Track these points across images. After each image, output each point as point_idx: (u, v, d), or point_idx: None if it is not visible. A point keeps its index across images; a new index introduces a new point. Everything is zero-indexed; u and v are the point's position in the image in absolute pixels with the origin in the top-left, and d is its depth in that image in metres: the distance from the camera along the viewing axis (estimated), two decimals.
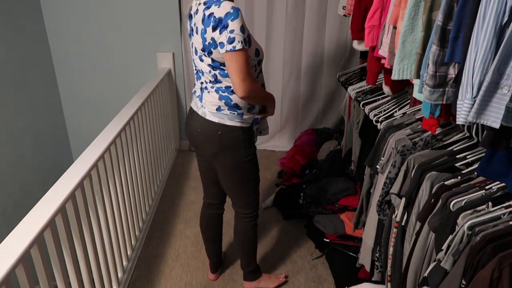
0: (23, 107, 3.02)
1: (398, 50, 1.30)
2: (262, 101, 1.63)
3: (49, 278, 1.26)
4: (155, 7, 3.23)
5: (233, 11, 1.37)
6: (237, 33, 1.37)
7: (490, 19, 0.83)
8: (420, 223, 1.30)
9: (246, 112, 1.59)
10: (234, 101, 1.55)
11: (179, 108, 3.57)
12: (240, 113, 1.58)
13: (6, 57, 2.80)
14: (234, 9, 1.38)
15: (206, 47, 1.47)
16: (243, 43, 1.38)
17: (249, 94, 1.45)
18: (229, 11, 1.37)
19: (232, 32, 1.37)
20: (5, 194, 2.79)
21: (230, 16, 1.36)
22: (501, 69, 0.83)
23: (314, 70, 3.52)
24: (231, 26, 1.37)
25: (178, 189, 2.99)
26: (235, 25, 1.37)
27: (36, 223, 1.21)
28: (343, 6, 2.36)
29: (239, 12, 1.39)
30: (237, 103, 1.56)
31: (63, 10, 3.19)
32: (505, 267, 0.92)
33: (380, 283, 1.79)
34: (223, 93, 1.54)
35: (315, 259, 2.23)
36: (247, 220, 1.85)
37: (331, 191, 2.61)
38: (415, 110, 1.80)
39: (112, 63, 3.39)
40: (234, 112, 1.57)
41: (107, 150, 1.78)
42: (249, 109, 1.60)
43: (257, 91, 1.52)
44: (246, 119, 1.61)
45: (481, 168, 1.16)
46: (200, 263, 2.21)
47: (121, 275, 2.01)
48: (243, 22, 1.40)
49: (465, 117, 0.90)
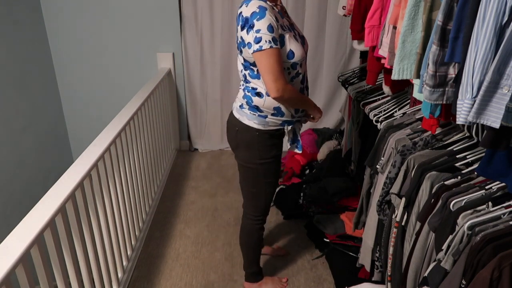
0: (23, 107, 3.03)
1: (398, 50, 1.30)
2: (298, 104, 1.57)
3: (49, 278, 1.26)
4: (155, 7, 3.23)
5: (259, 11, 1.35)
6: (264, 33, 1.35)
7: (490, 19, 0.83)
8: (420, 223, 1.30)
9: (271, 116, 1.57)
10: (255, 102, 1.56)
11: (179, 108, 3.57)
12: (261, 115, 1.57)
13: (6, 57, 2.80)
14: (261, 8, 1.36)
15: (238, 45, 1.49)
16: (271, 43, 1.36)
17: (282, 94, 1.42)
18: (255, 10, 1.36)
19: (258, 32, 1.36)
20: (5, 194, 2.79)
21: (256, 16, 1.35)
22: (501, 69, 0.83)
23: (314, 70, 3.52)
24: (257, 26, 1.35)
25: (178, 189, 2.99)
26: (261, 24, 1.35)
27: (36, 223, 1.21)
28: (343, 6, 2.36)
29: (266, 11, 1.36)
30: (258, 105, 1.55)
31: (63, 10, 3.19)
32: (505, 267, 0.92)
33: (380, 283, 1.79)
34: (247, 93, 1.57)
35: (315, 259, 2.23)
36: (252, 221, 1.83)
37: (331, 191, 2.61)
38: (415, 110, 1.80)
39: (112, 63, 3.39)
40: (254, 113, 1.57)
41: (107, 150, 1.78)
42: (274, 114, 1.57)
43: (291, 92, 1.47)
44: (271, 122, 1.59)
45: (481, 168, 1.16)
46: (200, 263, 2.21)
47: (121, 275, 2.01)
48: (271, 21, 1.36)
49: (465, 117, 0.90)
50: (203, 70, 3.46)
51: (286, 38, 1.44)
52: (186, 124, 3.66)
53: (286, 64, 1.48)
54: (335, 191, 2.61)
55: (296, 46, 1.47)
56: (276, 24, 1.39)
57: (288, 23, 1.54)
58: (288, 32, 1.46)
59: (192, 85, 3.51)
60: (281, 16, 1.50)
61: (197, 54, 3.40)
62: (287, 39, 1.44)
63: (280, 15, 1.48)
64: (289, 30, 1.48)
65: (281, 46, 1.42)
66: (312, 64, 3.46)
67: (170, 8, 3.23)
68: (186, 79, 3.48)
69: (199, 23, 3.30)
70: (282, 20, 1.49)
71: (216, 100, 3.57)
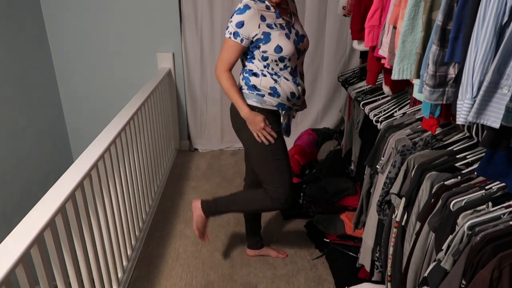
0: (23, 107, 3.03)
1: (398, 50, 1.30)
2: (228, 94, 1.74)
3: (49, 278, 1.26)
4: (155, 7, 3.22)
5: (242, 7, 1.61)
6: (232, 25, 1.63)
7: (490, 19, 0.83)
8: (420, 223, 1.30)
9: (268, 95, 1.74)
10: (252, 82, 1.74)
11: (179, 108, 3.57)
12: (259, 94, 1.74)
13: (6, 56, 2.80)
14: (245, 6, 1.61)
15: None
16: (231, 34, 1.63)
17: (216, 76, 1.73)
18: (240, 6, 1.62)
19: (230, 22, 1.63)
20: (5, 194, 2.79)
21: (237, 11, 1.63)
22: (501, 69, 0.83)
23: (314, 70, 3.52)
24: (233, 18, 1.63)
25: (178, 189, 2.99)
26: (235, 18, 1.62)
27: (36, 223, 1.21)
28: (343, 6, 2.36)
29: (247, 10, 1.61)
30: (255, 84, 1.74)
31: (63, 10, 3.19)
32: (505, 267, 0.92)
33: (380, 283, 1.79)
34: (245, 74, 1.77)
35: (315, 259, 2.23)
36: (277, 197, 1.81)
37: (331, 191, 2.61)
38: (415, 110, 1.80)
39: (112, 63, 3.39)
40: (252, 91, 1.75)
41: (107, 150, 1.78)
42: (271, 94, 1.73)
43: (223, 80, 1.71)
44: (268, 102, 1.75)
45: (481, 168, 1.16)
46: (200, 263, 2.21)
47: (121, 275, 2.01)
48: (245, 19, 1.61)
49: (465, 117, 0.90)
50: (203, 70, 3.45)
51: (272, 35, 1.65)
52: (186, 124, 3.66)
53: (273, 56, 1.67)
54: (335, 191, 2.61)
55: (285, 42, 1.66)
56: (252, 23, 1.61)
57: (285, 22, 1.71)
58: (279, 30, 1.66)
59: (192, 85, 3.51)
60: (277, 16, 1.68)
61: (197, 54, 3.40)
62: (274, 36, 1.65)
63: (275, 15, 1.67)
64: (281, 28, 1.67)
65: (266, 42, 1.64)
66: (312, 64, 3.46)
67: (170, 8, 3.23)
68: (186, 79, 3.48)
69: (199, 23, 3.30)
70: (276, 19, 1.67)
71: (216, 100, 3.56)
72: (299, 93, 1.80)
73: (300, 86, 1.80)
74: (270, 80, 1.72)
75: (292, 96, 1.77)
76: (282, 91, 1.73)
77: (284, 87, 1.73)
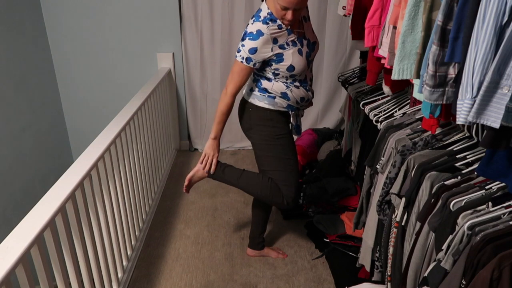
0: (23, 107, 3.03)
1: (398, 50, 1.30)
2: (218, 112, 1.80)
3: (49, 278, 1.26)
4: (155, 7, 3.22)
5: (256, 34, 1.60)
6: (244, 50, 1.63)
7: (490, 19, 0.83)
8: (420, 223, 1.30)
9: (279, 97, 1.78)
10: (264, 85, 1.77)
11: (179, 108, 3.57)
12: (270, 96, 1.78)
13: (6, 57, 2.80)
14: (258, 32, 1.60)
15: None
16: (243, 59, 1.65)
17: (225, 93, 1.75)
18: (253, 31, 1.61)
19: (243, 46, 1.64)
20: (5, 194, 2.79)
21: (250, 36, 1.62)
22: (501, 69, 0.83)
23: (314, 70, 3.51)
24: (245, 42, 1.63)
25: (178, 189, 2.99)
26: (248, 43, 1.62)
27: (36, 223, 1.21)
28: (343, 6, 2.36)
29: (260, 37, 1.60)
30: (266, 87, 1.76)
31: (63, 10, 3.19)
32: (505, 267, 0.92)
33: (380, 283, 1.79)
34: (257, 77, 1.79)
35: (315, 259, 2.23)
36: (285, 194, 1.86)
37: (331, 191, 2.61)
38: (415, 110, 1.80)
39: (112, 63, 3.39)
40: (264, 94, 1.79)
41: (107, 150, 1.79)
42: (282, 97, 1.78)
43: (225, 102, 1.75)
44: (279, 103, 1.79)
45: (481, 168, 1.16)
46: (200, 263, 2.21)
47: (121, 275, 2.01)
48: (258, 46, 1.61)
49: (465, 117, 0.90)
50: (203, 70, 3.46)
51: (285, 55, 1.66)
52: (186, 124, 3.66)
53: (284, 73, 1.70)
54: (335, 191, 2.61)
55: (298, 60, 1.68)
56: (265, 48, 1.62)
57: (297, 35, 1.69)
58: (291, 48, 1.66)
59: (192, 85, 3.51)
60: (289, 32, 1.66)
61: (197, 54, 3.40)
62: (287, 55, 1.66)
63: (287, 32, 1.65)
64: (293, 45, 1.67)
65: (278, 62, 1.67)
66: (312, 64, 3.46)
67: (170, 8, 3.23)
68: (186, 79, 3.48)
69: (199, 23, 3.30)
70: (288, 37, 1.66)
71: (216, 100, 3.56)
72: (308, 97, 1.86)
73: (310, 91, 1.85)
74: (282, 85, 1.76)
75: (301, 100, 1.83)
76: (292, 96, 1.79)
77: (295, 93, 1.78)
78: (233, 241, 2.39)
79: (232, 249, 2.32)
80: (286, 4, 1.52)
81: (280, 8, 1.55)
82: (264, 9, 1.63)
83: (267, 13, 1.62)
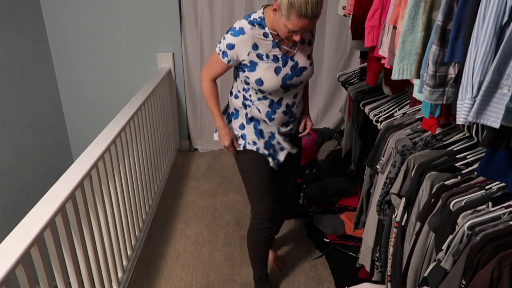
0: (23, 107, 3.03)
1: (398, 50, 1.30)
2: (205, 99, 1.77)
3: (49, 278, 1.26)
4: (155, 7, 3.23)
5: (238, 30, 1.54)
6: (223, 43, 1.57)
7: (490, 19, 0.83)
8: (420, 223, 1.30)
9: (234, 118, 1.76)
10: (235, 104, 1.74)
11: (179, 108, 3.57)
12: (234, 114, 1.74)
13: (6, 56, 2.80)
14: (240, 29, 1.54)
15: None
16: (221, 52, 1.59)
17: (200, 80, 1.75)
18: (236, 27, 1.55)
19: (224, 39, 1.57)
20: (5, 194, 2.79)
21: (232, 31, 1.55)
22: (501, 69, 0.83)
23: (314, 70, 3.51)
24: (226, 36, 1.56)
25: (178, 189, 2.99)
26: (228, 37, 1.55)
27: (36, 223, 1.21)
28: (343, 6, 2.36)
29: (240, 35, 1.53)
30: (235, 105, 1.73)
31: (63, 9, 3.19)
32: (505, 267, 0.92)
33: (380, 283, 1.79)
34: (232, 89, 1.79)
35: (315, 259, 2.23)
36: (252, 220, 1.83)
37: (331, 191, 2.61)
38: (415, 110, 1.80)
39: (112, 63, 3.39)
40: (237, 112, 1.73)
41: (107, 150, 1.78)
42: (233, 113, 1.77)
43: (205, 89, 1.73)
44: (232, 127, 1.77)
45: (481, 168, 1.16)
46: (200, 263, 2.21)
47: (121, 275, 2.01)
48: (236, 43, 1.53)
49: (465, 117, 0.90)
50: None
51: (258, 66, 1.56)
52: (186, 124, 3.66)
53: (253, 85, 1.61)
54: (335, 191, 2.61)
55: (269, 76, 1.56)
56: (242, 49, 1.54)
57: (283, 53, 1.57)
58: (269, 63, 1.55)
59: (192, 85, 3.51)
60: (274, 45, 1.55)
61: (197, 54, 3.40)
62: (260, 68, 1.56)
63: (272, 44, 1.54)
64: (273, 60, 1.56)
65: (250, 70, 1.58)
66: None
67: (170, 8, 3.23)
68: (186, 79, 3.48)
69: (199, 23, 3.30)
70: (272, 49, 1.55)
71: None
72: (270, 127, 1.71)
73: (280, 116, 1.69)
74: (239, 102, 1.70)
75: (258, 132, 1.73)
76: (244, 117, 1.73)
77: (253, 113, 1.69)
78: (233, 241, 2.39)
79: (232, 249, 2.32)
80: (295, 28, 1.42)
81: (287, 31, 1.45)
82: (258, 13, 1.56)
83: (258, 16, 1.54)
